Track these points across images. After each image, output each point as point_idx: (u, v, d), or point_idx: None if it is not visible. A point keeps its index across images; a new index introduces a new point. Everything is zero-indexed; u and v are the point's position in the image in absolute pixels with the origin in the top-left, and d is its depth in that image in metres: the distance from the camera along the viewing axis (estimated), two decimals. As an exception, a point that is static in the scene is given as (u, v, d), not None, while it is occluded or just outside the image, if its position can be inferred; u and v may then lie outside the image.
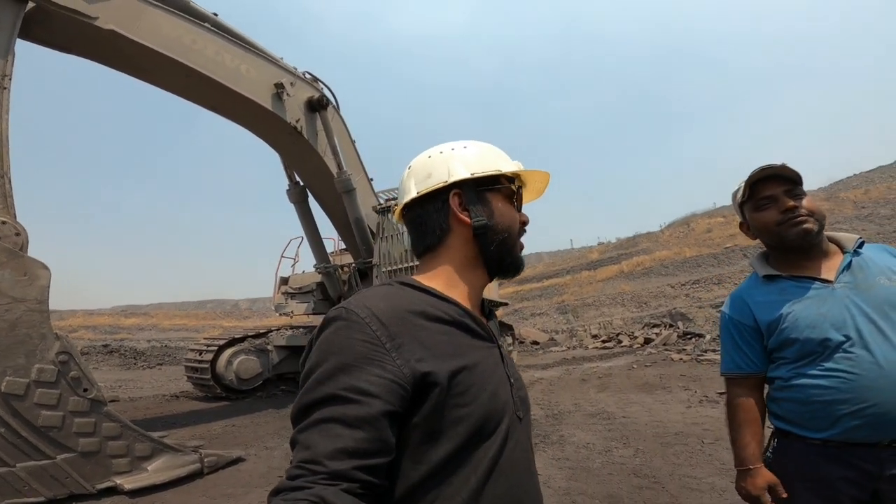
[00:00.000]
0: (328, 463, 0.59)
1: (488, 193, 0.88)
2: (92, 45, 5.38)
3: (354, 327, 0.68)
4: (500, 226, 0.86)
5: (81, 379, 3.69)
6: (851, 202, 27.07)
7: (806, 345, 1.33)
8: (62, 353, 3.60)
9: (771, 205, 1.41)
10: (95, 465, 3.63)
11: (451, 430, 0.68)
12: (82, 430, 3.60)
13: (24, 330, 3.46)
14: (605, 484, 3.54)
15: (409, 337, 0.70)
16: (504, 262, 0.88)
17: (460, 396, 0.70)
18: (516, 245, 0.89)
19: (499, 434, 0.73)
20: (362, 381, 0.64)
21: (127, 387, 11.41)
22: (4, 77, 4.12)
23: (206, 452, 4.31)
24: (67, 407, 3.56)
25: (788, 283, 1.42)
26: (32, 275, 3.59)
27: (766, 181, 1.41)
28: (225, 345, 8.88)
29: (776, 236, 1.42)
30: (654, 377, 8.40)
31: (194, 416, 7.14)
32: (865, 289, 1.33)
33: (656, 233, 37.08)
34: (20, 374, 3.38)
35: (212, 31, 6.16)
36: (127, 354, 19.50)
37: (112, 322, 38.30)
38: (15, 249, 3.59)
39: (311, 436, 0.62)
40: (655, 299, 25.18)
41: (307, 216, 9.49)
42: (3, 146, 3.98)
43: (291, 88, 7.35)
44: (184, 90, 6.47)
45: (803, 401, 1.33)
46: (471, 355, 0.75)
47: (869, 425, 1.23)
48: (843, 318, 1.30)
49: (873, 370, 1.23)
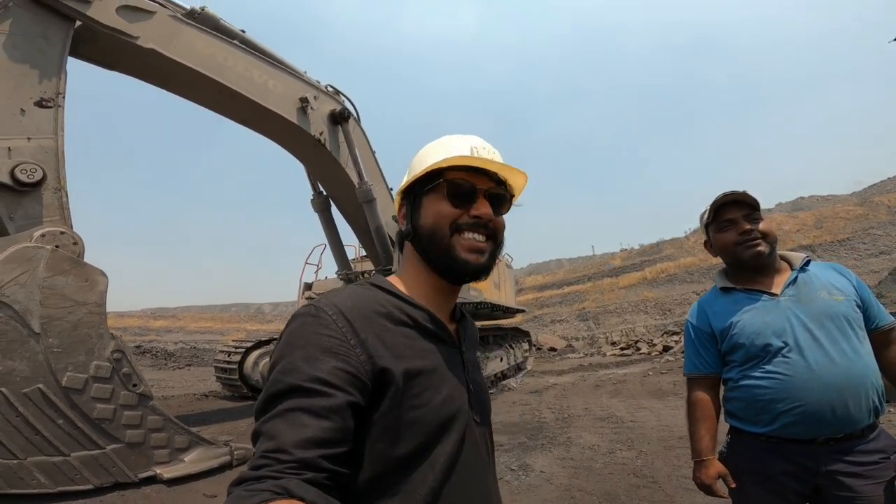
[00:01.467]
0: (294, 451, 0.58)
1: (426, 195, 0.86)
2: (133, 63, 5.70)
3: (321, 322, 0.71)
4: (421, 229, 0.84)
5: (132, 375, 4.11)
6: (886, 207, 26.16)
7: (751, 349, 1.52)
8: (117, 352, 4.02)
9: (731, 227, 1.60)
10: (139, 456, 4.01)
11: (407, 430, 0.71)
12: (130, 422, 4.00)
13: (85, 330, 3.89)
14: (604, 482, 3.75)
15: (372, 336, 0.72)
16: (438, 265, 0.84)
17: (416, 398, 0.72)
18: (450, 245, 0.82)
19: (453, 436, 0.75)
20: (326, 372, 0.65)
21: (159, 386, 12.03)
22: (58, 95, 4.43)
23: (236, 446, 4.68)
24: (119, 400, 3.96)
25: (741, 295, 1.62)
26: (92, 280, 4.02)
27: (729, 205, 1.61)
28: (252, 347, 9.35)
29: (733, 255, 1.62)
30: (667, 384, 8.46)
31: (223, 413, 7.60)
32: (807, 301, 1.51)
33: (681, 239, 36.45)
34: (80, 370, 3.80)
35: (241, 48, 6.47)
36: (158, 355, 20.39)
37: (141, 324, 39.74)
38: (75, 258, 4.03)
39: (277, 425, 0.61)
40: (679, 306, 24.81)
41: (330, 224, 9.84)
42: (59, 162, 4.34)
43: (315, 102, 7.69)
44: (215, 104, 6.82)
45: (749, 400, 1.53)
46: (430, 359, 0.78)
47: (802, 422, 1.42)
48: (784, 327, 1.48)
49: (805, 373, 1.43)
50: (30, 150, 4.22)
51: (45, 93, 4.36)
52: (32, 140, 4.26)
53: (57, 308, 3.77)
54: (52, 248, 3.88)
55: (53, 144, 4.35)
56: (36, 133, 4.30)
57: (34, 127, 4.30)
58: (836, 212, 27.42)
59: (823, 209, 28.80)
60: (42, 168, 4.20)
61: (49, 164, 4.28)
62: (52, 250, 3.86)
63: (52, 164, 4.30)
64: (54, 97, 4.41)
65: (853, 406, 1.38)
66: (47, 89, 4.38)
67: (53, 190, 4.33)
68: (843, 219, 25.96)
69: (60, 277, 3.85)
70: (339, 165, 8.33)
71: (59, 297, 3.80)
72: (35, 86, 4.32)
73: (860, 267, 19.86)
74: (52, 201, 4.29)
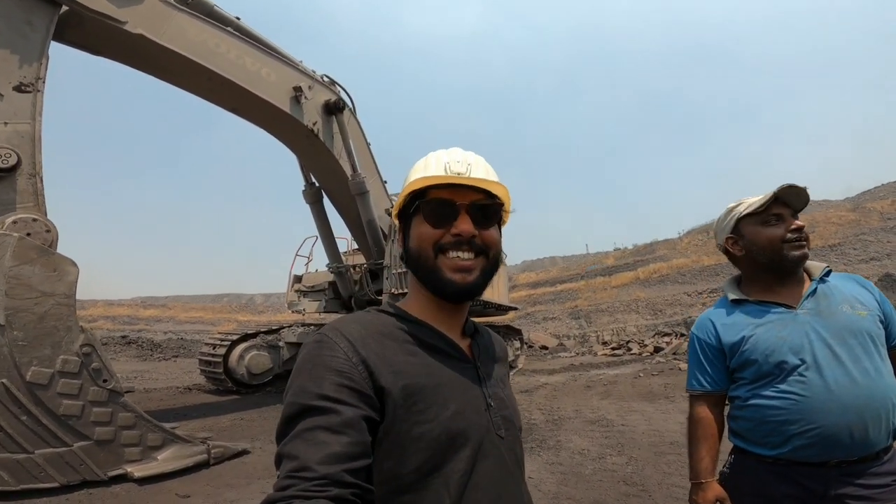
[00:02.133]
0: (318, 468, 0.59)
1: (413, 218, 0.86)
2: (120, 49, 5.59)
3: (325, 346, 0.73)
4: (411, 251, 0.85)
5: (102, 370, 3.92)
6: (878, 213, 26.33)
7: (763, 366, 1.39)
8: (86, 346, 3.84)
9: (779, 223, 1.46)
10: (108, 453, 3.85)
11: (413, 446, 0.71)
12: (99, 419, 3.83)
13: (52, 322, 3.70)
14: (594, 490, 3.63)
15: (373, 354, 0.73)
16: (428, 286, 0.84)
17: (420, 414, 0.72)
18: (435, 266, 0.82)
19: (465, 452, 0.74)
20: (332, 390, 0.67)
21: (142, 378, 11.80)
22: (38, 80, 4.32)
23: (214, 444, 4.51)
24: (87, 397, 3.78)
25: (753, 308, 1.50)
26: (61, 271, 3.83)
27: (778, 201, 1.47)
28: (238, 340, 9.14)
29: (776, 253, 1.45)
30: (658, 386, 8.39)
31: (205, 408, 7.41)
32: (827, 315, 1.39)
33: (674, 240, 36.57)
34: (46, 364, 3.61)
35: (234, 35, 6.35)
36: (144, 346, 20.07)
37: (131, 313, 39.26)
38: (45, 246, 3.83)
39: (297, 446, 0.63)
40: (671, 307, 24.87)
41: (322, 216, 9.70)
42: (35, 147, 4.20)
43: (309, 92, 7.55)
44: (206, 92, 6.70)
45: (758, 420, 1.40)
46: (436, 375, 0.77)
47: (816, 445, 1.30)
48: (802, 343, 1.36)
49: (823, 393, 1.30)
50: (5, 135, 4.08)
51: (25, 77, 4.26)
52: (9, 125, 4.13)
53: (22, 299, 3.58)
54: (20, 236, 3.68)
55: (30, 129, 4.22)
56: (13, 118, 4.17)
57: (11, 111, 4.17)
58: (828, 217, 27.58)
59: (817, 213, 28.94)
60: (17, 153, 4.06)
61: (25, 149, 4.14)
62: (18, 238, 3.66)
63: (27, 149, 4.16)
64: (34, 82, 4.31)
65: (872, 429, 1.29)
66: (27, 74, 4.27)
67: (28, 176, 4.17)
68: (836, 224, 26.11)
69: (27, 267, 3.66)
70: (333, 156, 8.18)
71: (25, 287, 3.61)
72: (15, 70, 4.22)
73: (850, 272, 19.98)
74: (26, 187, 4.14)
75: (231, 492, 3.78)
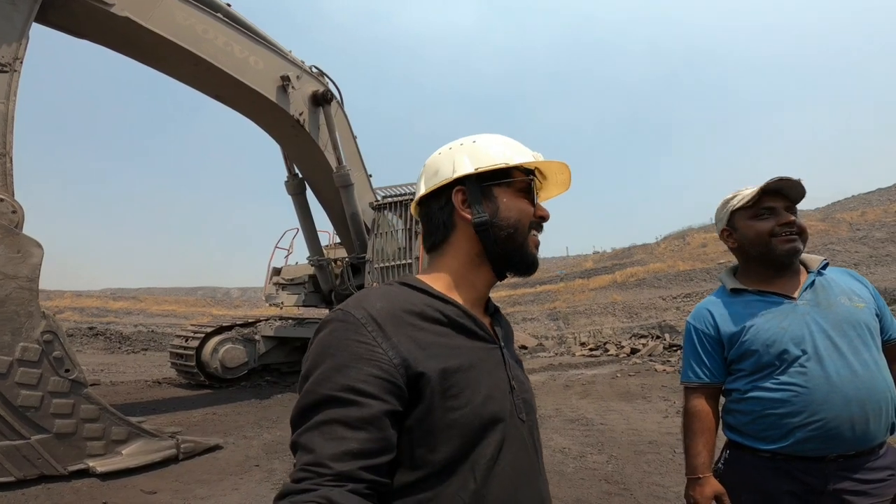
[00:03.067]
0: (333, 465, 0.59)
1: (496, 188, 0.84)
2: (105, 32, 5.43)
3: (351, 328, 0.69)
4: (504, 221, 0.83)
5: (64, 359, 3.72)
6: (847, 223, 27.27)
7: (763, 357, 1.37)
8: (47, 333, 3.63)
9: (770, 216, 1.44)
10: (69, 447, 3.66)
11: (446, 433, 0.68)
12: (60, 411, 3.63)
13: (13, 307, 3.48)
14: (575, 488, 3.61)
15: (404, 337, 0.69)
16: (511, 259, 0.84)
17: (454, 399, 0.69)
18: (526, 241, 0.84)
19: (494, 437, 0.72)
20: (360, 381, 0.64)
21: (109, 371, 11.37)
22: (16, 60, 4.19)
23: (183, 438, 4.34)
24: (48, 387, 3.58)
25: (753, 298, 1.47)
26: (25, 252, 3.62)
27: (771, 194, 1.45)
28: (212, 332, 8.89)
29: (766, 247, 1.44)
30: (635, 386, 8.47)
31: (175, 402, 7.16)
32: (826, 307, 1.38)
33: (652, 244, 37.25)
34: (4, 352, 3.40)
35: (224, 21, 6.24)
36: (112, 338, 19.36)
37: (100, 304, 37.86)
38: (10, 227, 3.61)
39: (314, 438, 0.61)
40: (646, 310, 25.28)
41: (304, 208, 9.53)
42: (7, 126, 4.04)
43: (297, 82, 7.44)
44: (190, 78, 6.52)
45: (757, 413, 1.37)
46: (467, 357, 0.74)
47: (817, 438, 1.27)
48: (802, 334, 1.34)
49: (824, 385, 1.28)
50: None
51: (3, 57, 4.13)
52: None
53: (-20, 281, 3.36)
54: (-20, 215, 3.45)
55: (3, 109, 4.06)
56: None
57: None
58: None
59: (788, 223, 29.76)
60: None
61: None
62: (-21, 216, 3.43)
63: None
64: (11, 62, 4.18)
65: (873, 422, 1.28)
66: (5, 54, 4.15)
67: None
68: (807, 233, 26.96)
69: (-13, 247, 3.42)
70: (318, 148, 8.06)
71: (-16, 268, 3.38)
72: None
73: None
74: None
75: (201, 488, 3.63)
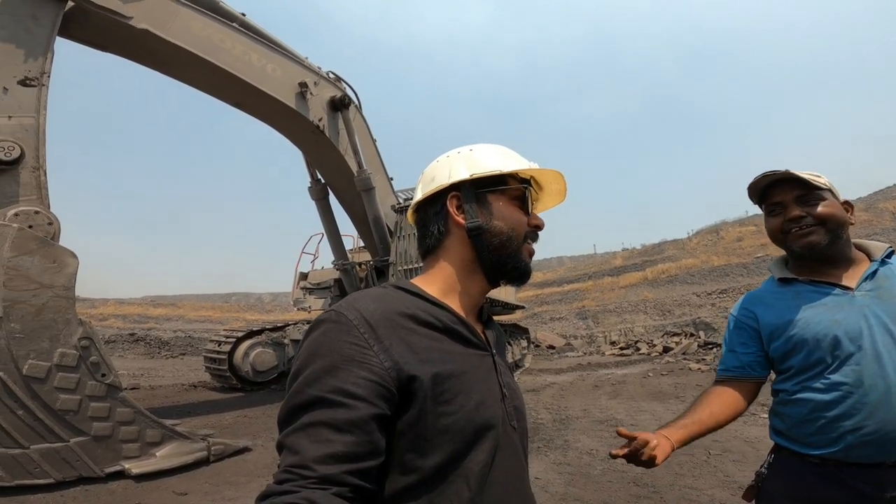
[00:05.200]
0: (317, 468, 0.58)
1: (490, 195, 0.85)
2: (126, 44, 5.63)
3: (343, 329, 0.68)
4: (497, 228, 0.83)
5: (100, 364, 3.86)
6: (890, 213, 25.82)
7: (814, 353, 1.25)
8: (84, 339, 3.78)
9: (780, 211, 1.35)
10: (106, 450, 3.78)
11: (438, 439, 0.68)
12: (97, 414, 3.76)
13: (50, 315, 3.64)
14: (602, 491, 3.50)
15: (397, 340, 0.69)
16: (504, 267, 0.83)
17: (446, 404, 0.69)
18: (520, 249, 0.84)
19: (487, 443, 0.71)
20: (349, 383, 0.63)
21: (149, 375, 11.83)
22: (43, 74, 4.35)
23: (214, 441, 4.44)
24: (85, 391, 3.72)
25: (804, 288, 1.35)
26: (61, 262, 3.78)
27: (777, 186, 1.34)
28: (243, 337, 9.11)
29: (782, 244, 1.36)
30: (668, 386, 8.23)
31: (209, 405, 7.36)
32: (888, 298, 1.24)
33: (683, 240, 36.14)
34: (43, 357, 3.56)
35: (240, 30, 6.39)
36: (152, 344, 20.18)
37: (141, 311, 39.51)
38: (46, 238, 3.79)
39: (300, 440, 0.61)
40: (679, 308, 24.54)
41: (327, 213, 9.67)
42: (39, 140, 4.22)
43: (315, 88, 7.54)
44: (210, 87, 6.71)
45: (804, 416, 1.26)
46: (459, 363, 0.74)
47: (872, 444, 1.16)
48: (859, 328, 1.21)
49: (881, 385, 1.16)
50: (9, 128, 4.10)
51: (30, 72, 4.29)
52: (13, 118, 4.15)
53: (20, 290, 3.53)
54: (19, 227, 3.63)
55: (34, 123, 4.23)
56: (17, 111, 4.20)
57: (16, 105, 4.20)
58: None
59: (829, 213, 28.36)
60: (20, 146, 4.06)
61: (28, 142, 4.14)
62: (17, 229, 3.62)
63: (31, 142, 4.17)
64: (39, 76, 4.34)
65: None
66: (32, 68, 4.30)
67: (31, 169, 4.17)
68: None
69: (26, 258, 3.61)
70: (338, 153, 8.15)
71: (24, 278, 3.56)
72: (20, 65, 4.26)
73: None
74: (29, 180, 4.13)
75: (230, 490, 3.71)
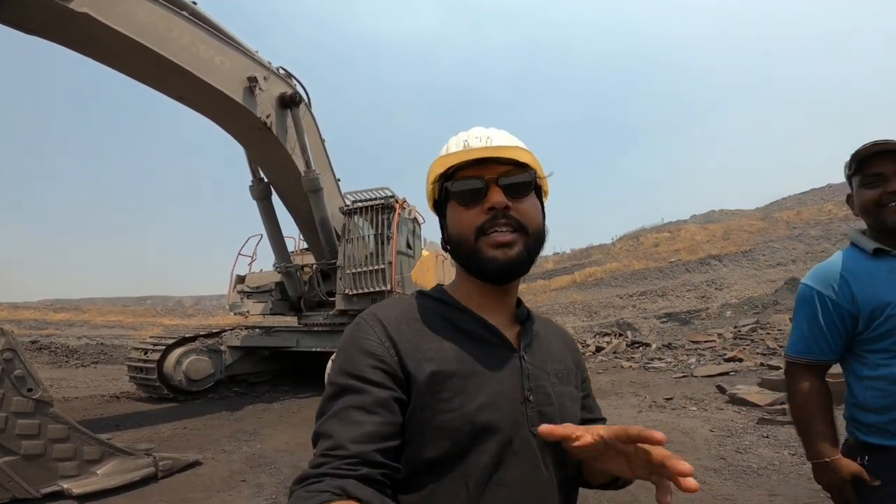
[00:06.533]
0: (351, 447, 0.62)
1: (447, 205, 0.84)
2: (61, 29, 5.08)
3: (360, 328, 0.76)
4: (452, 235, 0.82)
5: (26, 378, 3.47)
6: (784, 222, 29.19)
7: None
8: (7, 351, 3.38)
9: (878, 183, 1.28)
10: (39, 469, 3.42)
11: (435, 434, 0.70)
12: (26, 431, 3.38)
13: (-33, 324, 3.22)
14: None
15: (404, 338, 0.74)
16: (471, 269, 0.81)
17: (445, 402, 0.71)
18: (476, 248, 0.78)
19: (490, 446, 0.71)
20: (366, 371, 0.70)
21: (59, 386, 10.60)
22: None
23: (160, 456, 4.13)
24: (11, 408, 3.33)
25: None
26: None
27: (879, 157, 1.27)
28: (174, 344, 8.46)
29: (874, 218, 1.29)
30: (606, 383, 8.78)
31: (138, 417, 6.77)
32: None
33: (608, 245, 38.58)
34: (-40, 371, 3.14)
35: (189, 20, 5.99)
36: (58, 352, 18.03)
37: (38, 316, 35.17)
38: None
39: (332, 425, 0.66)
40: (605, 309, 26.13)
41: (269, 213, 9.29)
42: None
43: (264, 83, 7.25)
44: (151, 78, 6.22)
45: None
46: (468, 364, 0.74)
47: None
48: None
49: None
50: None
51: None
52: None
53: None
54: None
55: None
56: None
57: None
58: (741, 225, 30.24)
59: (731, 222, 31.67)
60: None
61: None
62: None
63: None
64: None
65: None
66: None
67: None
68: (747, 231, 28.70)
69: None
70: (286, 151, 7.87)
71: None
72: None
73: (759, 276, 22.02)
74: None
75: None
